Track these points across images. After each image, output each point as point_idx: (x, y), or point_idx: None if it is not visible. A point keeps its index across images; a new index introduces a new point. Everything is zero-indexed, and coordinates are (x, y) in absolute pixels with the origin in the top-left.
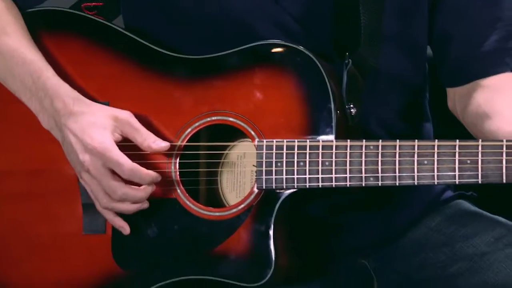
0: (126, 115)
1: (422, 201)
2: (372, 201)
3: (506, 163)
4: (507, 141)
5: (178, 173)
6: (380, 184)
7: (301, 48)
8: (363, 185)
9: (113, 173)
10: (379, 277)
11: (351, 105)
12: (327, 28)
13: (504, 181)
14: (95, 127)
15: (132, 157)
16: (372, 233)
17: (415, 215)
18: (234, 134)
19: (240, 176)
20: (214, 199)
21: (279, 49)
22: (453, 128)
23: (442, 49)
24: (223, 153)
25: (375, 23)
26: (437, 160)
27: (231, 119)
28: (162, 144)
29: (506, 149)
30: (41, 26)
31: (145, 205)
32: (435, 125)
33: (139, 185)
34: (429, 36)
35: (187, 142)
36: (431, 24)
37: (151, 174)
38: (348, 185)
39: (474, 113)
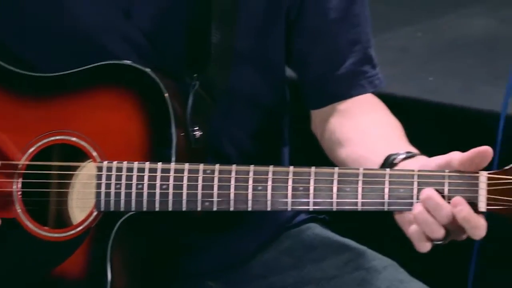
0: None
1: (273, 224)
2: (221, 223)
3: (337, 191)
4: (339, 168)
5: (20, 192)
6: (215, 209)
7: (147, 70)
8: (199, 209)
9: None
10: None
11: (196, 128)
12: (179, 46)
13: (334, 209)
14: None
15: None
16: (220, 256)
17: (265, 238)
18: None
19: (90, 196)
20: (64, 220)
21: (124, 70)
22: (312, 155)
23: (300, 71)
24: (73, 173)
25: (228, 42)
26: (272, 186)
27: (73, 138)
28: None
29: (337, 177)
30: None
31: None
32: (293, 151)
33: None
34: (288, 56)
35: (30, 161)
36: (289, 44)
37: None
38: (184, 209)
39: (328, 138)
